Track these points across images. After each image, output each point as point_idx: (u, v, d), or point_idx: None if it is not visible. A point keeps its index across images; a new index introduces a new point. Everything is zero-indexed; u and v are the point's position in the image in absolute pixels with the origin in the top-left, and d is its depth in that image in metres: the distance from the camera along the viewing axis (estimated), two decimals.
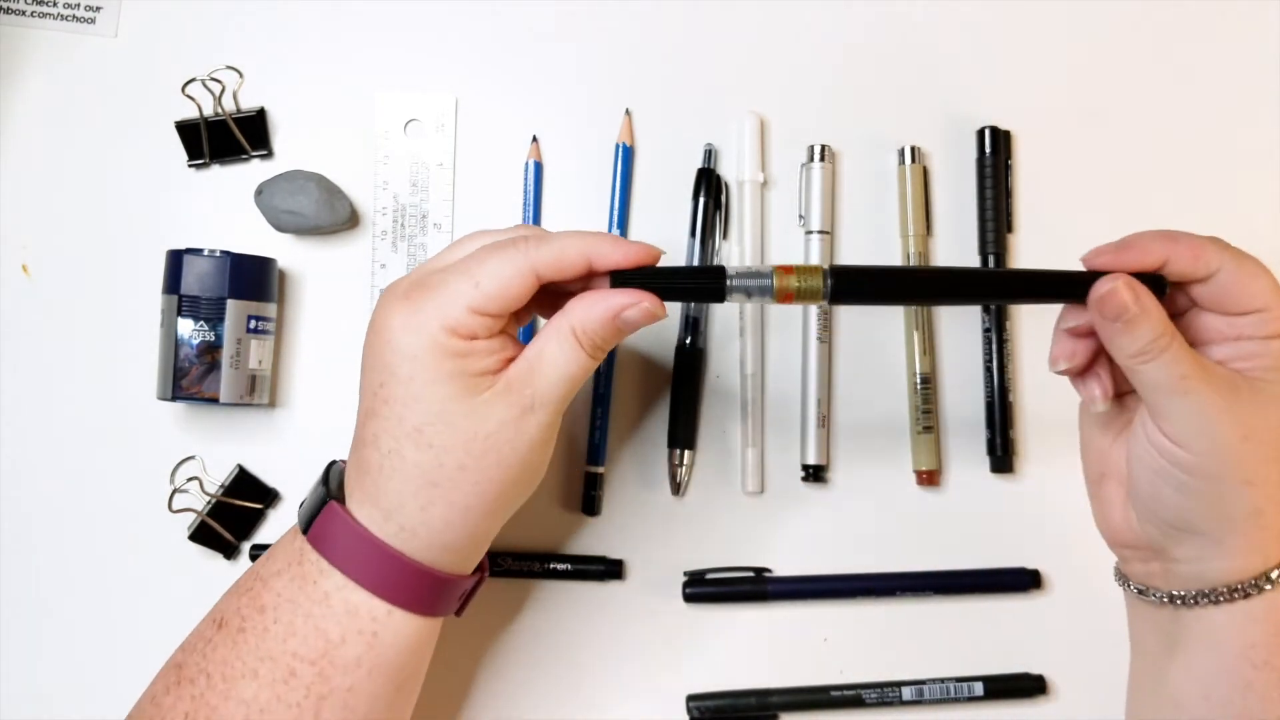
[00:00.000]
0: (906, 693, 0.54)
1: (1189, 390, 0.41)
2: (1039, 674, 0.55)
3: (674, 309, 0.57)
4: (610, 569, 0.55)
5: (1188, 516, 0.42)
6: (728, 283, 0.44)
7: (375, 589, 0.42)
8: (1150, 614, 0.46)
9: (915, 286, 0.45)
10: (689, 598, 0.55)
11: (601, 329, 0.43)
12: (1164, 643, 0.45)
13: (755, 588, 0.55)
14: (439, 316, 0.41)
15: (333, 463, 0.46)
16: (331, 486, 0.44)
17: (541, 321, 0.48)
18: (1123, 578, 0.47)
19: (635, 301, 0.43)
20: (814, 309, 0.56)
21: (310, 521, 0.43)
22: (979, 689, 0.54)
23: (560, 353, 0.42)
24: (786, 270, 0.43)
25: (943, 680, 0.54)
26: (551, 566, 0.55)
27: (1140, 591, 0.45)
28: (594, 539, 0.56)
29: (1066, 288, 0.44)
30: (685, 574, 0.55)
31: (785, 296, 0.44)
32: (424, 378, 0.41)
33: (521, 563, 0.55)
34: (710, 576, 0.55)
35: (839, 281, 0.43)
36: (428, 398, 0.41)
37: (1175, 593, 0.44)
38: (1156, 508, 0.43)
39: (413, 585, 0.42)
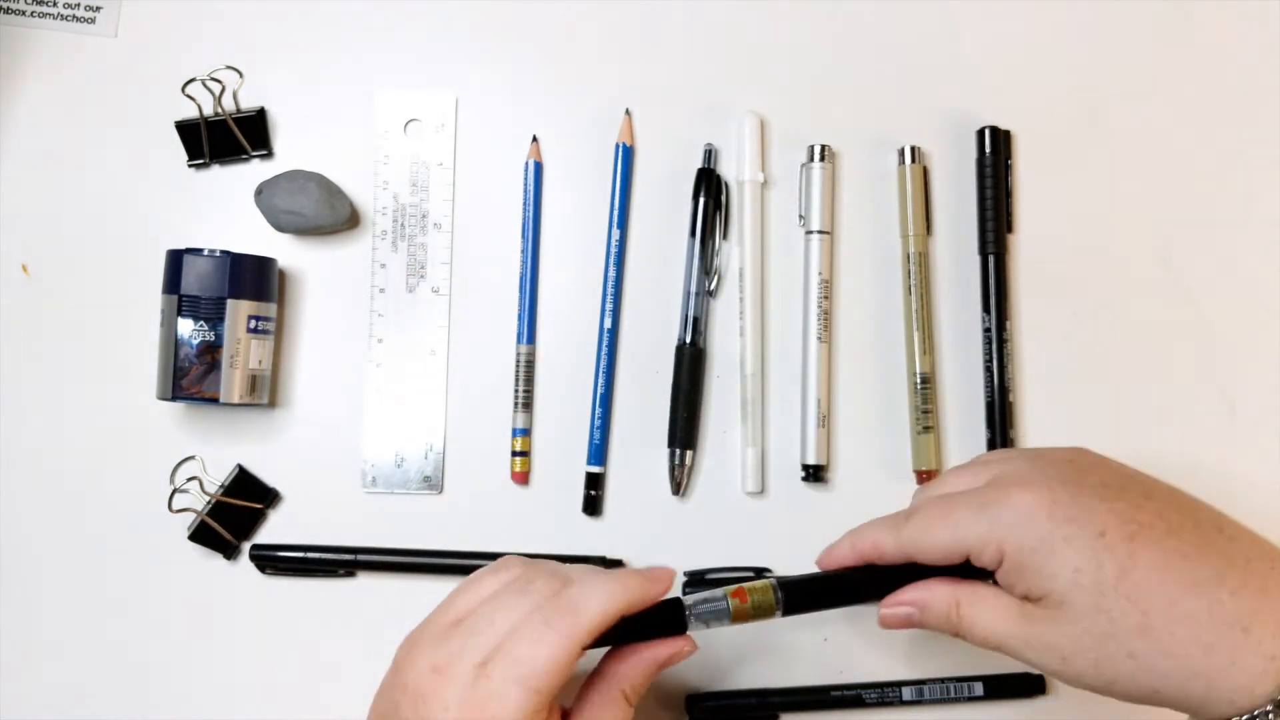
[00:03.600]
0: (906, 693, 0.54)
1: (998, 645, 0.41)
2: (1038, 673, 0.55)
3: (673, 308, 0.57)
4: (610, 569, 0.55)
5: (1148, 685, 0.39)
6: (686, 614, 0.44)
7: None
8: None
9: (846, 590, 0.46)
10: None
11: (646, 682, 0.44)
12: None
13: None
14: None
15: None
16: None
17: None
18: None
19: (678, 649, 0.44)
20: (815, 307, 0.56)
21: None
22: (979, 689, 0.54)
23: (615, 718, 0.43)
24: (738, 594, 0.44)
25: (943, 680, 0.54)
26: None
27: None
28: (594, 539, 0.56)
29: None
30: (685, 574, 0.55)
31: (740, 616, 0.44)
32: None
33: None
34: (710, 576, 0.55)
35: (789, 594, 0.45)
36: None
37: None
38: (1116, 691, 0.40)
39: None
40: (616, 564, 0.55)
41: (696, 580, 0.55)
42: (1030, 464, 0.42)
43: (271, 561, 0.55)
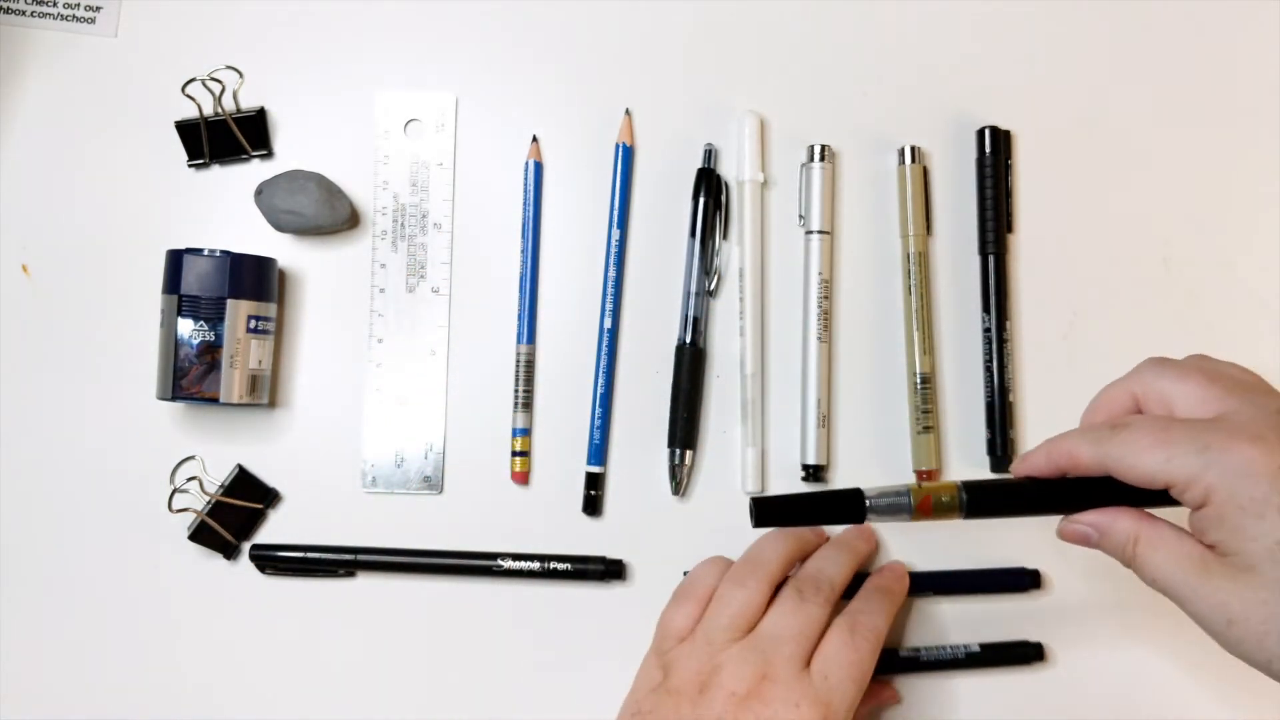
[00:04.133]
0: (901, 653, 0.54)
1: (1166, 589, 0.40)
2: (1035, 642, 0.55)
3: (673, 308, 0.57)
4: (611, 569, 0.55)
5: None
6: (866, 504, 0.44)
7: None
8: None
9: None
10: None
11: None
12: None
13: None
14: None
15: None
16: None
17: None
18: None
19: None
20: (815, 307, 0.56)
21: None
22: (975, 648, 0.55)
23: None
24: (922, 490, 0.44)
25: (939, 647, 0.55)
26: (551, 567, 0.55)
27: None
28: (594, 539, 0.56)
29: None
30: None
31: (923, 512, 0.44)
32: None
33: (522, 563, 0.55)
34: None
35: (973, 496, 0.44)
36: None
37: None
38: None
39: None
40: (616, 564, 0.55)
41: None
42: (1262, 414, 0.39)
43: (271, 561, 0.55)
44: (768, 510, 0.44)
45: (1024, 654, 0.55)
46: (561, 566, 0.55)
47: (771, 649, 0.48)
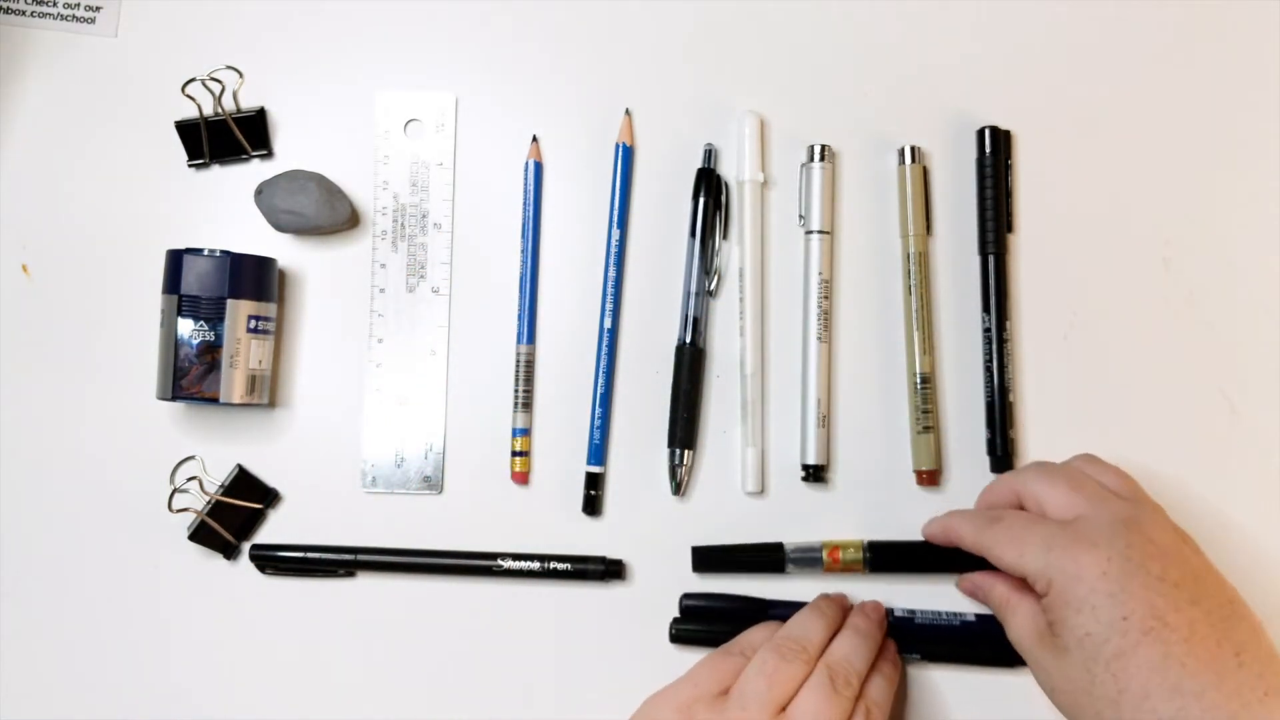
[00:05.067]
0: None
1: (1019, 650, 0.49)
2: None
3: (673, 308, 0.57)
4: (610, 569, 0.55)
5: None
6: (785, 558, 0.54)
7: None
8: None
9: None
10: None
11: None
12: None
13: (755, 610, 0.55)
14: None
15: None
16: None
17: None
18: None
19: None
20: (815, 307, 0.56)
21: None
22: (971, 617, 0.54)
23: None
24: (832, 550, 0.54)
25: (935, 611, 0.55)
26: (551, 567, 0.55)
27: None
28: (594, 539, 0.56)
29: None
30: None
31: (832, 568, 0.54)
32: None
33: (522, 562, 0.55)
34: (709, 599, 0.55)
35: (877, 555, 0.54)
36: None
37: None
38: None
39: None
40: (616, 564, 0.55)
41: (704, 554, 0.55)
42: (1111, 526, 0.46)
43: (271, 561, 0.55)
44: (706, 558, 0.54)
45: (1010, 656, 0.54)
46: (561, 566, 0.55)
47: None
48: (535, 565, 0.55)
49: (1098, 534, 0.45)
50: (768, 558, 0.54)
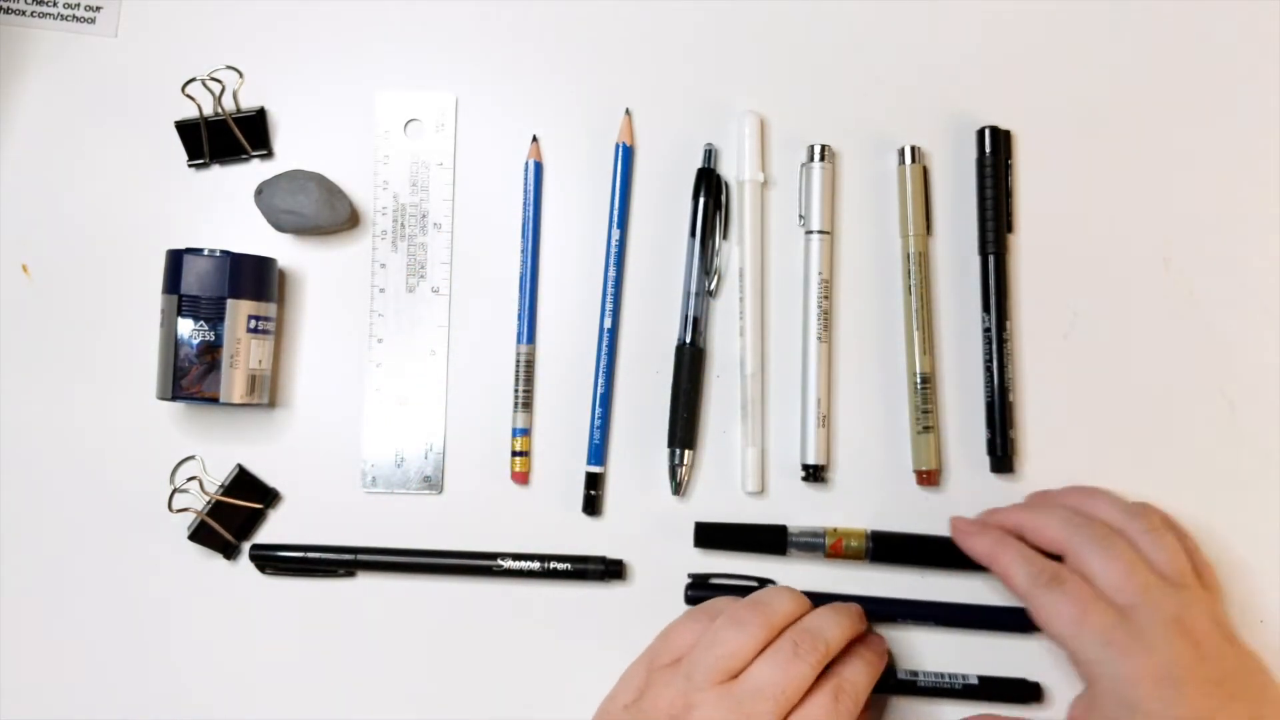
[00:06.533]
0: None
1: None
2: (1035, 681, 0.54)
3: (673, 308, 0.57)
4: (611, 569, 0.55)
5: None
6: (788, 540, 0.54)
7: None
8: None
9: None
10: (691, 600, 0.55)
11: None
12: None
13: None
14: None
15: None
16: None
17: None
18: None
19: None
20: (815, 307, 0.56)
21: None
22: (973, 680, 0.54)
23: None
24: (835, 536, 0.54)
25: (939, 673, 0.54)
26: (551, 567, 0.55)
27: None
28: (594, 539, 0.56)
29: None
30: (690, 575, 0.55)
31: (834, 553, 0.54)
32: None
33: (522, 562, 0.55)
34: (714, 582, 0.55)
35: (878, 545, 0.54)
36: None
37: None
38: None
39: None
40: (616, 564, 0.55)
41: (700, 583, 0.55)
42: (1165, 628, 0.47)
43: (271, 561, 0.55)
44: (709, 533, 0.55)
45: (1022, 692, 0.54)
46: (561, 566, 0.55)
47: (750, 702, 0.46)
48: (535, 565, 0.55)
49: (1153, 637, 0.47)
50: (770, 539, 0.54)
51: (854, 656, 0.50)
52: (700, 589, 0.55)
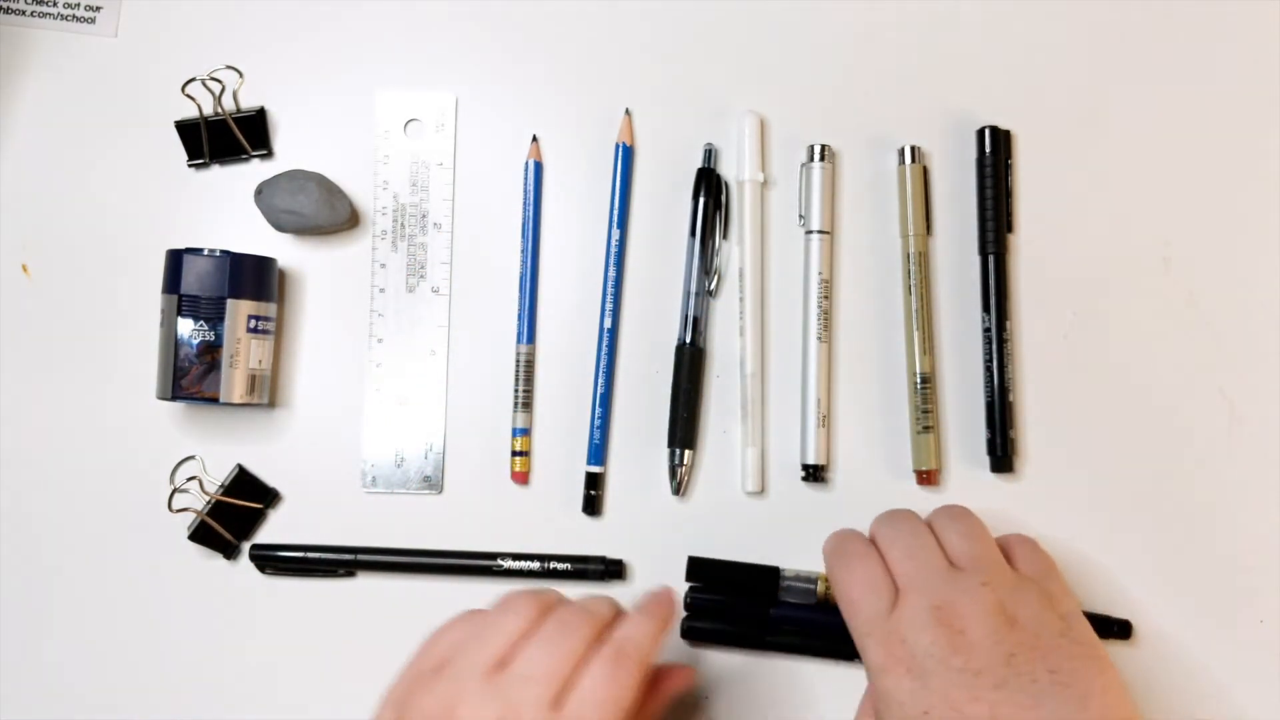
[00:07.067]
0: None
1: None
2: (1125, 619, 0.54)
3: (673, 308, 0.57)
4: (610, 569, 0.55)
5: None
6: (781, 585, 0.54)
7: None
8: None
9: None
10: (694, 578, 0.55)
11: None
12: None
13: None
14: None
15: None
16: None
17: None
18: None
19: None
20: (815, 307, 0.56)
21: None
22: None
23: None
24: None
25: None
26: (551, 567, 0.55)
27: None
28: (594, 539, 0.56)
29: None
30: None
31: (827, 599, 0.53)
32: None
33: (522, 562, 0.55)
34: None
35: None
36: None
37: None
38: None
39: None
40: (616, 564, 0.55)
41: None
42: (923, 616, 0.45)
43: (271, 561, 0.55)
44: (700, 568, 0.54)
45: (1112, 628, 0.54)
46: (561, 566, 0.55)
47: (518, 689, 0.42)
48: (535, 565, 0.55)
49: (908, 627, 0.45)
50: (761, 581, 0.54)
51: (631, 619, 0.46)
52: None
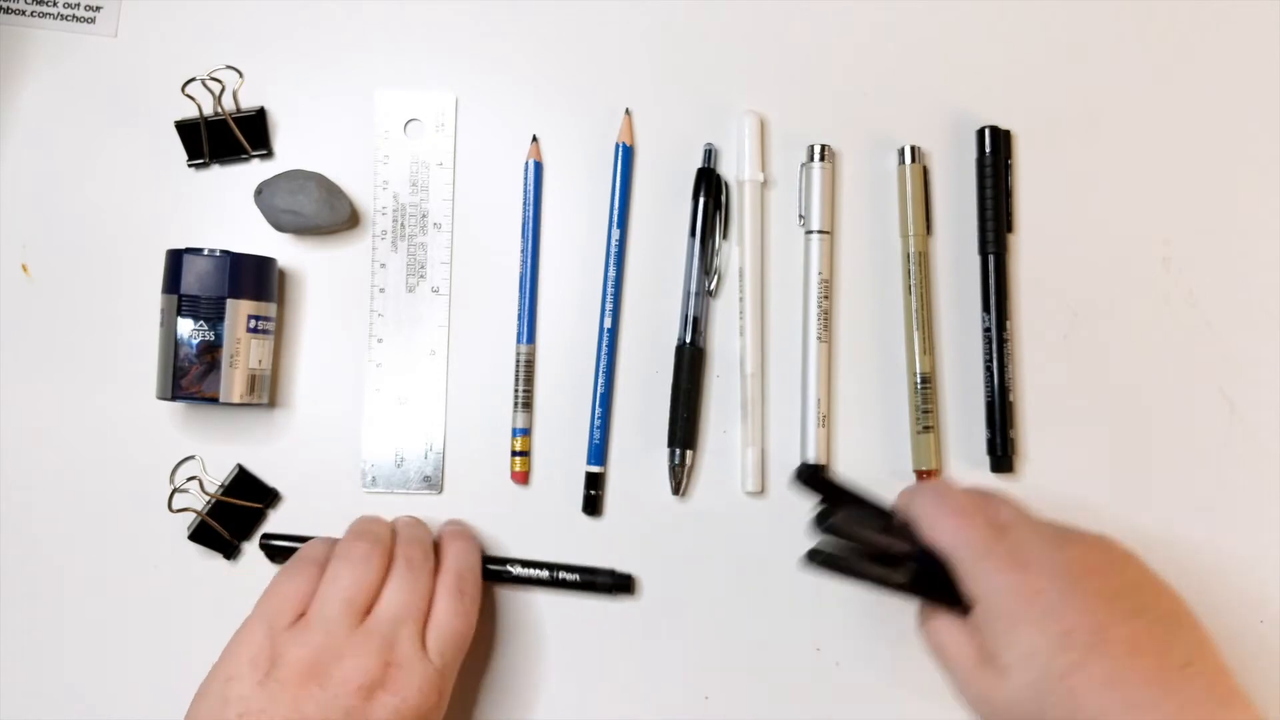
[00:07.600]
0: None
1: (944, 664, 0.47)
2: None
3: (673, 308, 0.57)
4: (619, 583, 0.55)
5: None
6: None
7: None
8: None
9: None
10: (824, 527, 0.47)
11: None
12: None
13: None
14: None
15: None
16: None
17: None
18: None
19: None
20: (815, 307, 0.56)
21: None
22: None
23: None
24: None
25: None
26: (560, 576, 0.55)
27: None
28: (594, 539, 0.56)
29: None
30: (819, 504, 0.48)
31: None
32: None
33: (530, 570, 0.55)
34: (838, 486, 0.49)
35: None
36: None
37: None
38: None
39: None
40: (626, 578, 0.55)
41: (829, 513, 0.47)
42: (1042, 543, 0.45)
43: (282, 552, 0.55)
44: (817, 484, 0.48)
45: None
46: (570, 577, 0.55)
47: (393, 632, 0.47)
48: (544, 574, 0.55)
49: (1030, 550, 0.44)
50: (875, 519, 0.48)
51: (455, 548, 0.51)
52: (827, 518, 0.47)
